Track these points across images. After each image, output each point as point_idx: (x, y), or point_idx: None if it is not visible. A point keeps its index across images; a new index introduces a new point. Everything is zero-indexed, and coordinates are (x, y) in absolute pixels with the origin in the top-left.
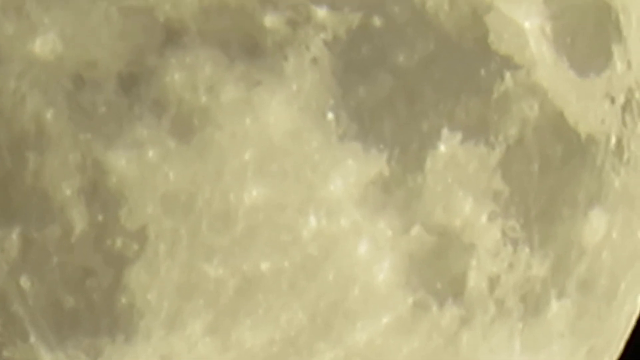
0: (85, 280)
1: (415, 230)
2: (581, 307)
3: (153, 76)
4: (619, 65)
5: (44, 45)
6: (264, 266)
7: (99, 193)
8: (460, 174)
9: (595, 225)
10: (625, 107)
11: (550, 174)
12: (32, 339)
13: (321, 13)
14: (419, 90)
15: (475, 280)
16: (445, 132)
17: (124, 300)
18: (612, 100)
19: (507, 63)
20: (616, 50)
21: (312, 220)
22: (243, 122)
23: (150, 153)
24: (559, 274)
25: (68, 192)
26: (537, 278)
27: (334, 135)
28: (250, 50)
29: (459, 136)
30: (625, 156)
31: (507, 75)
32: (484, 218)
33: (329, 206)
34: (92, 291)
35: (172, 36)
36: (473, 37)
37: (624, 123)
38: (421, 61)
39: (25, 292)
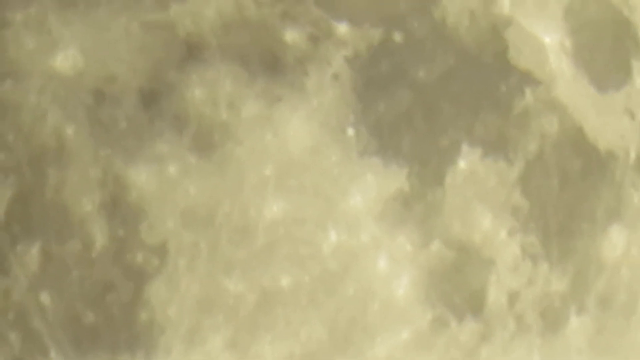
0: (105, 295)
1: (435, 245)
2: (600, 323)
3: (173, 91)
4: (638, 80)
5: (64, 60)
6: (284, 281)
7: (120, 208)
8: (479, 189)
9: (615, 241)
10: None
11: (570, 190)
12: (52, 354)
13: (342, 29)
14: (438, 105)
15: (495, 296)
16: (464, 147)
17: (144, 315)
18: (632, 116)
19: (527, 78)
20: (635, 65)
21: (332, 235)
22: (263, 138)
23: (171, 168)
24: (578, 289)
25: (88, 207)
26: (556, 293)
27: (354, 150)
28: (270, 65)
29: (478, 151)
30: None
31: (527, 90)
32: (503, 233)
33: (349, 221)
34: (112, 306)
35: (192, 51)
36: (493, 52)
37: None
38: (441, 76)
39: (45, 307)
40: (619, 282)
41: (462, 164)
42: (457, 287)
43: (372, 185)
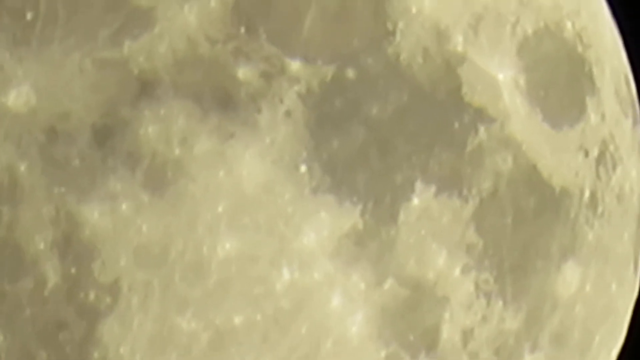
0: (58, 333)
1: (389, 283)
2: None
3: (127, 128)
4: (593, 117)
5: (17, 97)
6: (237, 319)
7: (72, 246)
8: (433, 226)
9: (569, 279)
10: (600, 159)
11: (524, 227)
12: None
13: (295, 66)
14: (392, 142)
15: (449, 333)
16: (418, 184)
17: (96, 354)
18: (586, 153)
19: (481, 115)
20: (590, 102)
21: (285, 273)
22: (216, 175)
23: (124, 206)
24: (532, 327)
25: (41, 245)
26: (511, 331)
27: (307, 187)
28: (223, 102)
29: (432, 189)
30: (599, 209)
31: (481, 128)
32: (457, 271)
33: (302, 259)
34: (65, 344)
35: (146, 88)
36: (446, 89)
37: (598, 176)
38: (394, 113)
39: None
40: (573, 319)
41: (416, 201)
42: (411, 325)
43: (326, 223)
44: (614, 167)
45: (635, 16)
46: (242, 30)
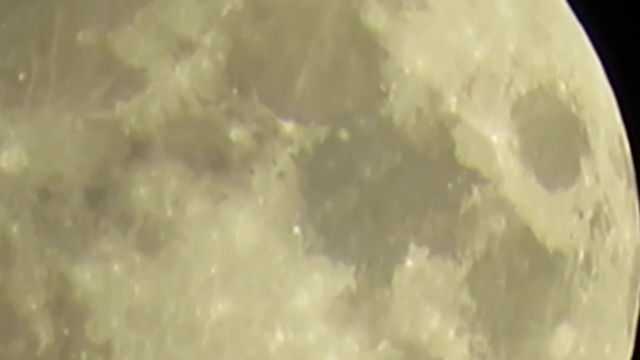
0: None
1: (383, 345)
2: None
3: (119, 190)
4: (587, 178)
5: (9, 158)
6: None
7: (65, 307)
8: (427, 288)
9: (563, 341)
10: (594, 221)
11: (518, 289)
12: None
13: (288, 127)
14: (386, 204)
15: None
16: (412, 246)
17: None
18: (581, 215)
19: (474, 177)
20: (584, 163)
21: (279, 335)
22: (209, 236)
23: (116, 267)
24: None
25: (33, 306)
26: None
27: (301, 249)
28: (216, 163)
29: (426, 251)
30: (594, 271)
31: (474, 189)
32: (451, 333)
33: (296, 320)
34: None
35: (137, 149)
36: (440, 150)
37: (592, 237)
38: (388, 174)
39: None
40: None
41: (409, 263)
42: None
43: (319, 284)
44: (608, 229)
45: (629, 77)
46: (235, 91)
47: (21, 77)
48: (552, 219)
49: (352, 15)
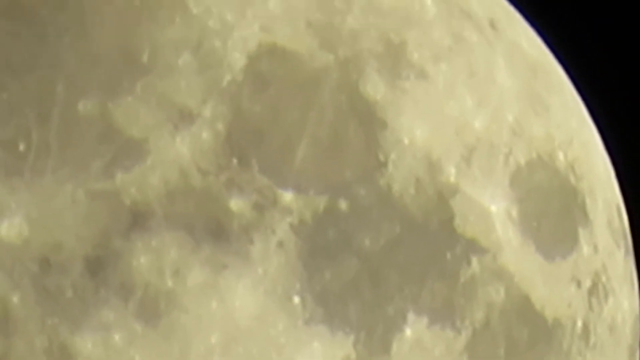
0: None
1: None
2: None
3: (119, 259)
4: (586, 248)
5: (10, 228)
6: None
7: None
8: (426, 358)
9: None
10: (592, 290)
11: (517, 358)
12: None
13: (287, 197)
14: (385, 273)
15: None
16: (411, 315)
17: None
18: (579, 284)
19: (473, 247)
20: (582, 233)
21: None
22: (209, 306)
23: (117, 337)
24: None
25: None
26: None
27: (300, 318)
28: (216, 233)
29: (425, 320)
30: (592, 340)
31: (473, 259)
32: None
33: None
34: None
35: (138, 219)
36: (439, 220)
37: (590, 307)
38: (387, 244)
39: None
40: None
41: (408, 332)
42: None
43: (319, 354)
44: (606, 298)
45: (627, 147)
46: (235, 161)
47: (21, 147)
48: (551, 289)
49: (351, 85)
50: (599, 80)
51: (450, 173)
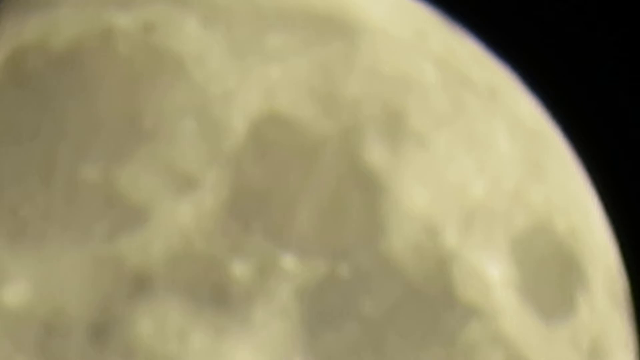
0: None
1: None
2: None
3: (122, 325)
4: (585, 313)
5: (13, 293)
6: None
7: None
8: None
9: None
10: (591, 354)
11: None
12: None
13: (289, 262)
14: (386, 338)
15: None
16: None
17: None
18: (578, 348)
19: (473, 311)
20: (582, 298)
21: None
22: None
23: None
24: None
25: None
26: None
27: None
28: (218, 298)
29: None
30: None
31: (473, 324)
32: None
33: None
34: None
35: (141, 284)
36: (439, 285)
37: None
38: (388, 309)
39: None
40: None
41: None
42: None
43: None
44: None
45: (626, 212)
46: (237, 226)
47: (25, 212)
48: (550, 353)
49: (352, 151)
50: (599, 147)
51: (451, 237)
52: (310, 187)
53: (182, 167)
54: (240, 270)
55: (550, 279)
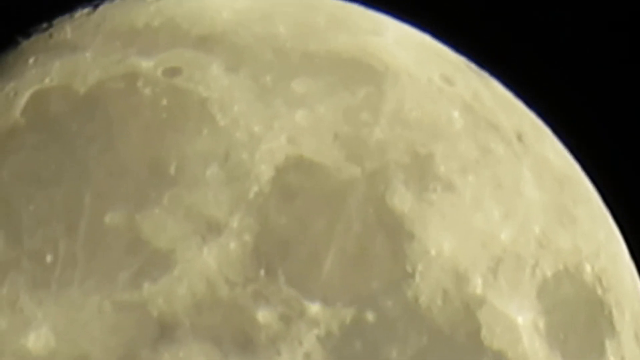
0: None
1: None
2: None
3: None
4: None
5: (37, 340)
6: None
7: None
8: None
9: None
10: None
11: None
12: None
13: (314, 308)
14: None
15: None
16: None
17: None
18: None
19: (500, 358)
20: (609, 345)
21: None
22: None
23: None
24: None
25: None
26: None
27: None
28: (243, 345)
29: None
30: None
31: None
32: None
33: None
34: None
35: (165, 331)
36: (466, 332)
37: None
38: (414, 356)
39: None
40: None
41: None
42: None
43: None
44: None
45: None
46: (262, 272)
47: (49, 258)
48: None
49: (378, 197)
50: (626, 192)
51: (477, 284)
52: (335, 234)
53: (206, 213)
54: (264, 316)
55: (578, 326)
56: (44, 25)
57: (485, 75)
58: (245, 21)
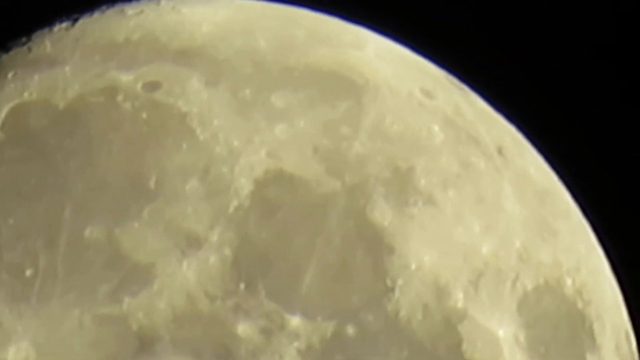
0: None
1: None
2: None
3: None
4: None
5: (17, 353)
6: None
7: None
8: None
9: None
10: None
11: None
12: None
13: (295, 321)
14: None
15: None
16: None
17: None
18: None
19: None
20: (591, 359)
21: None
22: None
23: None
24: None
25: None
26: None
27: None
28: (223, 358)
29: None
30: None
31: None
32: None
33: None
34: None
35: (145, 344)
36: (447, 346)
37: None
38: None
39: None
40: None
41: None
42: None
43: None
44: None
45: (635, 272)
46: (242, 286)
47: (28, 272)
48: None
49: (359, 211)
50: (607, 206)
51: (458, 298)
52: (315, 247)
53: (186, 227)
54: (244, 330)
55: (560, 340)
56: (23, 39)
57: (465, 89)
58: (225, 35)
